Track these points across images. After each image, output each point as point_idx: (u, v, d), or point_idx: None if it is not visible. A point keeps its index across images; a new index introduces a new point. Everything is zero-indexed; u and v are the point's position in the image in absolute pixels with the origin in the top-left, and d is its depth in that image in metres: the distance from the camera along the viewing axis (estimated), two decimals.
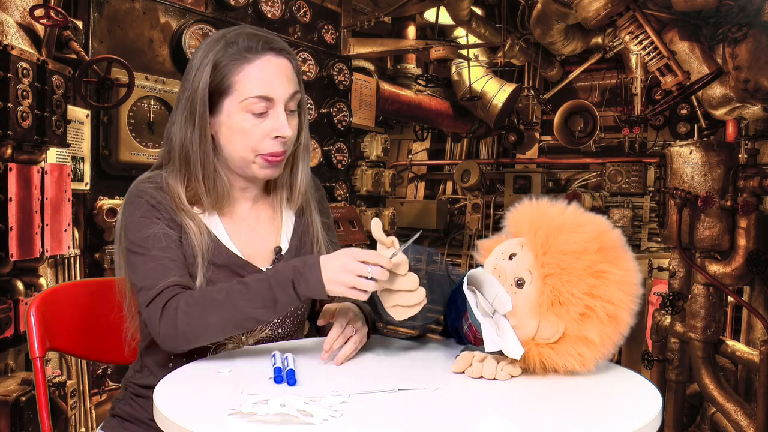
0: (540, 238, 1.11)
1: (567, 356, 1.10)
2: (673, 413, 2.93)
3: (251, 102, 1.24)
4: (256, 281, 1.15)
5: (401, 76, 4.95)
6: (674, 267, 2.90)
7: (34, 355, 1.35)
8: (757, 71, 2.50)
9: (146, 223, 1.24)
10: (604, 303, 1.08)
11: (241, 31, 1.28)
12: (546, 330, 1.10)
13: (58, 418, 2.13)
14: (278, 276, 1.13)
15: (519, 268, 1.12)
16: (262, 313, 1.15)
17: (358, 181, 4.21)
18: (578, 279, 1.08)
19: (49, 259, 2.28)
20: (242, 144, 1.26)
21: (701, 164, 2.59)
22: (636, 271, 1.14)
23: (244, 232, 1.35)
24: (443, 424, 0.91)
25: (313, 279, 1.11)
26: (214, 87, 1.25)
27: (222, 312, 1.14)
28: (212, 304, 1.14)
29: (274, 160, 1.28)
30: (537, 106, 6.04)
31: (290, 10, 3.49)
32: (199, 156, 1.27)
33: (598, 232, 1.13)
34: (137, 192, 1.28)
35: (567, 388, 1.07)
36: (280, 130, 1.25)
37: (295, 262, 1.14)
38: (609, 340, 1.10)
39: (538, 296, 1.09)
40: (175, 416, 0.91)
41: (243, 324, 1.17)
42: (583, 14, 2.70)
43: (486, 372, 1.10)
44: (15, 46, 1.91)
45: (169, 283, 1.19)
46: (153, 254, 1.21)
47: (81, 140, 2.47)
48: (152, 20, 2.80)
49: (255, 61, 1.25)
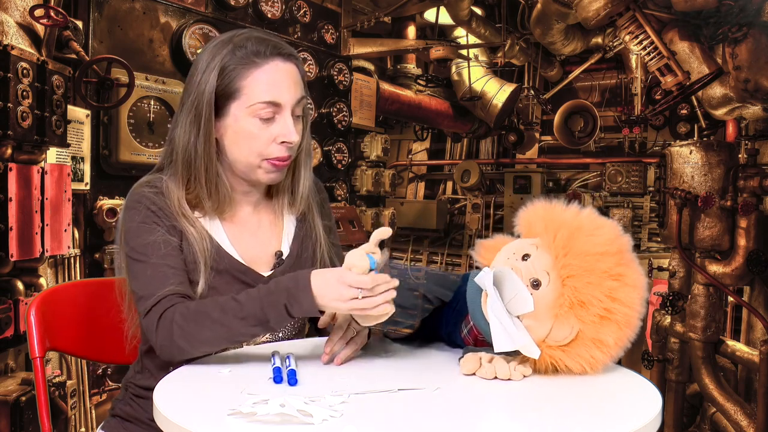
0: (560, 240, 1.11)
1: (578, 358, 1.09)
2: (673, 413, 2.94)
3: (259, 107, 1.24)
4: (250, 300, 1.14)
5: (401, 76, 4.95)
6: (674, 267, 2.90)
7: (34, 355, 1.35)
8: (757, 71, 2.50)
9: (146, 229, 1.23)
10: (621, 306, 1.08)
11: (249, 35, 1.27)
12: (560, 332, 1.09)
13: (58, 418, 2.13)
14: (271, 298, 1.13)
15: (536, 269, 1.10)
16: (256, 331, 1.15)
17: (358, 181, 4.21)
18: (600, 281, 1.08)
19: (49, 259, 2.28)
20: (248, 148, 1.26)
21: (701, 164, 2.59)
22: (644, 276, 1.14)
23: (245, 236, 1.35)
24: (443, 424, 0.91)
25: (306, 303, 1.11)
26: (220, 90, 1.24)
27: (216, 328, 1.14)
28: (207, 320, 1.14)
29: (279, 164, 1.28)
30: (537, 106, 6.04)
31: (290, 10, 3.49)
32: (202, 159, 1.26)
33: (614, 235, 1.13)
34: (137, 197, 1.27)
35: (567, 388, 1.07)
36: (287, 135, 1.25)
37: (288, 282, 1.13)
38: (621, 344, 1.10)
39: (557, 298, 1.08)
40: (175, 416, 0.91)
41: (237, 339, 1.18)
42: (583, 14, 2.70)
43: (500, 373, 1.09)
44: (15, 46, 1.91)
45: (167, 292, 1.19)
46: (152, 262, 1.21)
47: (81, 140, 2.47)
48: (152, 20, 2.80)
49: (263, 66, 1.24)
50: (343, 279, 1.10)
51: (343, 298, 1.09)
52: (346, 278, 1.10)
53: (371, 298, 1.09)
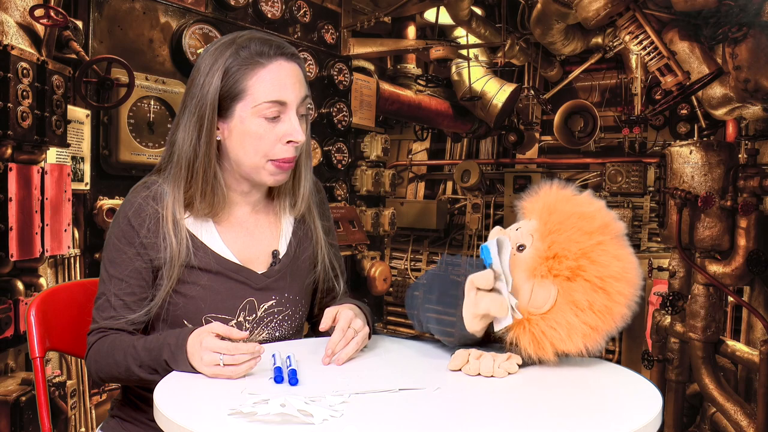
0: (548, 202, 1.18)
1: (556, 325, 1.12)
2: (673, 413, 2.94)
3: (265, 107, 1.24)
4: (145, 349, 1.18)
5: (401, 76, 4.95)
6: (674, 267, 2.90)
7: (34, 355, 1.35)
8: (757, 71, 2.50)
9: (117, 248, 1.28)
10: (596, 267, 1.11)
11: (251, 36, 1.27)
12: (539, 294, 1.13)
13: (58, 418, 2.13)
14: (158, 352, 1.16)
15: (522, 235, 1.18)
16: (148, 377, 1.18)
17: (358, 181, 4.21)
18: (576, 238, 1.13)
19: (49, 259, 2.28)
20: (254, 149, 1.26)
21: (701, 164, 2.59)
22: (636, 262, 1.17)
23: (241, 236, 1.35)
24: (444, 424, 0.91)
25: (182, 362, 1.13)
26: (224, 92, 1.24)
27: (119, 368, 1.21)
28: (111, 360, 1.21)
29: (285, 166, 1.28)
30: (537, 106, 6.03)
31: (290, 10, 3.49)
32: (202, 161, 1.26)
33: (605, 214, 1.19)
34: (129, 201, 1.30)
35: (567, 388, 1.07)
36: (293, 134, 1.25)
37: (171, 338, 1.16)
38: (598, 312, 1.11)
39: (536, 252, 1.14)
40: (176, 416, 0.91)
41: (136, 381, 1.23)
42: (583, 14, 2.70)
43: (483, 369, 1.11)
44: (15, 46, 1.91)
45: (102, 325, 1.26)
46: (107, 286, 1.28)
47: (81, 140, 2.47)
48: (152, 20, 2.80)
49: (268, 66, 1.24)
50: (205, 344, 1.10)
51: (206, 363, 1.10)
52: (207, 343, 1.10)
53: (232, 367, 1.08)
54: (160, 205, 1.28)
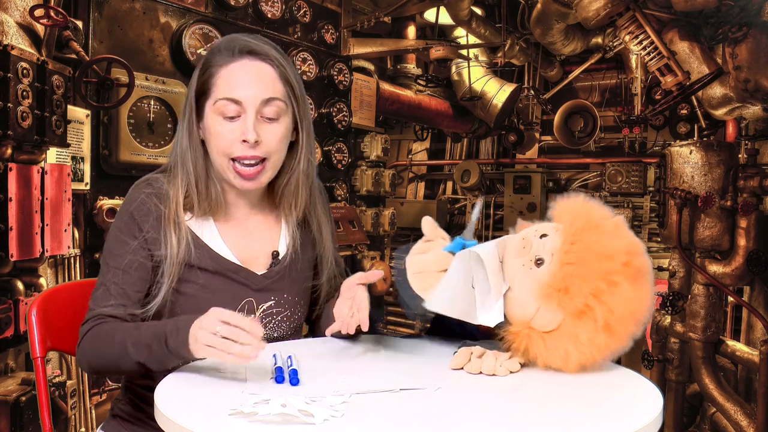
0: (575, 227, 1.14)
1: (554, 350, 1.11)
2: (673, 413, 2.94)
3: (222, 104, 1.25)
4: (148, 328, 1.15)
5: (401, 76, 4.94)
6: (674, 267, 2.90)
7: (35, 355, 1.35)
8: (757, 71, 2.50)
9: (120, 239, 1.27)
10: (604, 309, 1.08)
11: (233, 36, 1.30)
12: (544, 315, 1.11)
13: (58, 418, 2.13)
14: (158, 329, 1.13)
15: (543, 248, 1.14)
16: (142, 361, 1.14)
17: (358, 181, 4.21)
18: (591, 277, 1.09)
19: (49, 259, 2.28)
20: (215, 147, 1.27)
21: (701, 164, 2.60)
22: (650, 300, 1.14)
23: (240, 236, 1.35)
24: (445, 424, 0.91)
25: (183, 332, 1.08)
26: (198, 91, 1.28)
27: (111, 350, 1.17)
28: (108, 342, 1.18)
29: (245, 171, 1.26)
30: (537, 106, 6.04)
31: (290, 10, 3.49)
32: (192, 160, 1.29)
33: (631, 250, 1.13)
34: (132, 197, 1.30)
35: (567, 388, 1.07)
36: (244, 133, 1.24)
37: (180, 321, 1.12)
38: (596, 348, 1.10)
39: (550, 279, 1.11)
40: (176, 416, 0.91)
41: (131, 367, 1.17)
42: (583, 14, 2.70)
43: (485, 368, 1.10)
44: (15, 46, 1.91)
45: (101, 312, 1.23)
46: (107, 277, 1.26)
47: (81, 140, 2.46)
48: (152, 20, 2.80)
49: (230, 65, 1.26)
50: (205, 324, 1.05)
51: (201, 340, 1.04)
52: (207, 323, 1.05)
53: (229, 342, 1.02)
54: (163, 203, 1.28)
